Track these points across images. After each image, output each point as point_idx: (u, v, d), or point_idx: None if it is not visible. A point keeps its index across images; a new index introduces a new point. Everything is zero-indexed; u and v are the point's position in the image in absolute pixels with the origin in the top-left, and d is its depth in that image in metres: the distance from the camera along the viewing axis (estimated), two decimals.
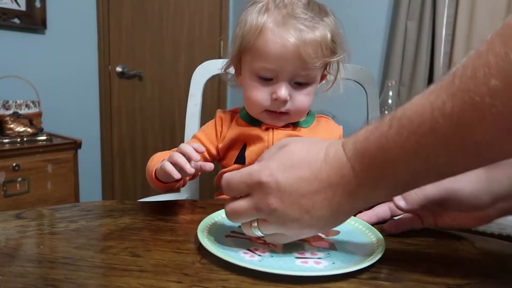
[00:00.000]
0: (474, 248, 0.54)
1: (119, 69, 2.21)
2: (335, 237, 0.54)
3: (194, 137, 0.82)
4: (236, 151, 0.78)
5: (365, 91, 1.01)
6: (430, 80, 1.99)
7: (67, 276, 0.42)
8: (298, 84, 0.71)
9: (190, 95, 1.07)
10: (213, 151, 0.81)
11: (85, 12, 2.07)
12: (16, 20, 1.81)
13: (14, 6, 1.80)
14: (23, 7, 1.82)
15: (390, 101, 2.01)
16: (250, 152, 0.76)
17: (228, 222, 0.56)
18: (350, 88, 1.01)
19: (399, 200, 0.53)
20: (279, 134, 0.76)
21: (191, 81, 1.05)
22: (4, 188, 1.52)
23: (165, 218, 0.61)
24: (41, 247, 0.50)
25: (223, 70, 0.83)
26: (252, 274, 0.43)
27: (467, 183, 0.51)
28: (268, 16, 0.68)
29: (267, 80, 0.70)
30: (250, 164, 0.75)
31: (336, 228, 0.55)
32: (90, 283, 0.41)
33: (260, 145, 0.76)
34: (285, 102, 0.70)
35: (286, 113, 0.73)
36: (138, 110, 2.32)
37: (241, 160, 0.77)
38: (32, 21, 1.86)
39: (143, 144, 2.36)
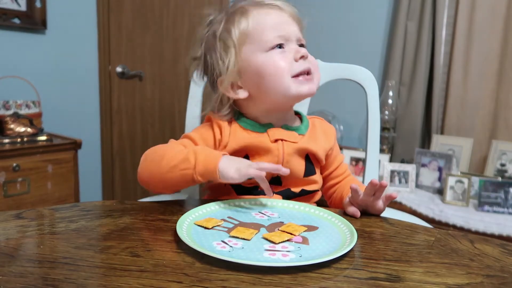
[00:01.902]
0: (474, 248, 0.54)
1: (119, 69, 2.21)
2: (311, 232, 0.56)
3: (187, 137, 0.74)
4: None
5: (365, 91, 1.01)
6: (430, 80, 1.99)
7: (67, 276, 0.42)
8: (302, 47, 0.73)
9: (190, 95, 1.07)
10: None
11: (85, 12, 2.07)
12: (16, 20, 1.81)
13: (14, 6, 1.80)
14: (23, 7, 1.82)
15: (390, 101, 2.01)
16: None
17: (212, 215, 0.61)
18: (350, 88, 1.01)
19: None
20: (289, 146, 0.73)
21: (191, 81, 1.05)
22: (4, 188, 1.52)
23: (165, 218, 0.61)
24: (41, 247, 0.50)
25: (216, 109, 0.75)
26: (251, 271, 0.43)
27: None
28: (248, 11, 0.72)
29: (279, 48, 0.71)
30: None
31: (315, 224, 0.59)
32: (90, 283, 0.41)
33: (269, 158, 0.72)
34: (307, 57, 0.71)
35: (311, 74, 0.72)
36: (138, 110, 2.32)
37: None
38: (32, 21, 1.86)
39: (143, 144, 2.36)
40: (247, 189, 0.74)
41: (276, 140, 0.73)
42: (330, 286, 0.42)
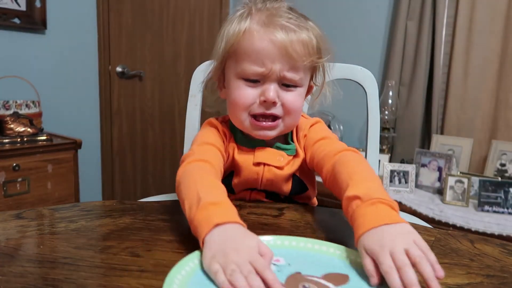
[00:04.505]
0: (474, 248, 0.54)
1: (119, 69, 2.21)
2: (344, 286, 0.43)
3: (208, 144, 0.68)
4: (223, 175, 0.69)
5: (365, 91, 1.01)
6: (430, 80, 1.99)
7: (67, 276, 0.42)
8: (286, 86, 0.66)
9: (190, 95, 1.06)
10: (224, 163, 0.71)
11: (85, 12, 2.06)
12: (16, 20, 1.81)
13: (14, 6, 1.80)
14: (23, 7, 1.82)
15: (390, 101, 2.01)
16: (236, 184, 0.72)
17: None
18: (350, 88, 1.00)
19: None
20: (270, 172, 0.70)
21: (191, 81, 1.05)
22: (4, 188, 1.52)
23: (165, 218, 0.61)
24: (41, 247, 0.50)
25: (203, 83, 0.77)
26: None
27: None
28: (252, 18, 0.65)
29: (254, 82, 0.66)
30: (238, 194, 0.71)
31: (343, 271, 0.45)
32: (90, 283, 0.41)
33: (246, 173, 0.70)
34: (274, 103, 0.65)
35: (277, 118, 0.67)
36: (138, 110, 2.32)
37: (229, 190, 0.62)
38: (32, 21, 1.86)
39: (143, 144, 2.36)
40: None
41: (258, 164, 0.70)
42: None
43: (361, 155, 0.65)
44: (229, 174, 0.72)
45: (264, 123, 0.66)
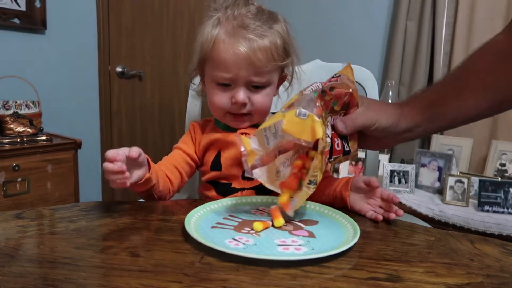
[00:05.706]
0: (474, 248, 0.54)
1: (119, 69, 2.21)
2: (314, 226, 0.58)
3: (176, 148, 0.84)
4: (210, 157, 0.80)
5: (365, 91, 1.01)
6: (430, 80, 1.99)
7: (67, 276, 0.42)
8: (255, 87, 0.75)
9: (190, 95, 1.07)
10: (195, 157, 0.83)
11: (85, 12, 2.06)
12: (16, 20, 1.81)
13: (14, 6, 1.79)
14: (23, 7, 1.82)
15: (390, 101, 2.01)
16: (224, 158, 0.79)
17: (213, 214, 0.62)
18: None
19: (340, 125, 0.66)
20: None
21: (191, 81, 1.05)
22: (4, 188, 1.52)
23: (165, 218, 0.61)
24: (41, 247, 0.50)
25: (190, 81, 0.88)
26: (251, 271, 0.43)
27: (385, 116, 0.69)
28: (220, 28, 0.73)
29: (226, 86, 0.75)
30: (226, 169, 0.78)
31: (315, 219, 0.61)
32: (90, 283, 0.41)
33: (234, 150, 0.78)
34: (244, 104, 0.75)
35: (247, 114, 0.77)
36: (138, 110, 2.32)
37: (217, 167, 0.79)
38: (32, 21, 1.85)
39: (143, 145, 2.36)
40: (223, 186, 0.79)
41: (242, 134, 0.77)
42: (330, 286, 0.42)
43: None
44: (217, 154, 0.80)
45: (238, 115, 0.77)
